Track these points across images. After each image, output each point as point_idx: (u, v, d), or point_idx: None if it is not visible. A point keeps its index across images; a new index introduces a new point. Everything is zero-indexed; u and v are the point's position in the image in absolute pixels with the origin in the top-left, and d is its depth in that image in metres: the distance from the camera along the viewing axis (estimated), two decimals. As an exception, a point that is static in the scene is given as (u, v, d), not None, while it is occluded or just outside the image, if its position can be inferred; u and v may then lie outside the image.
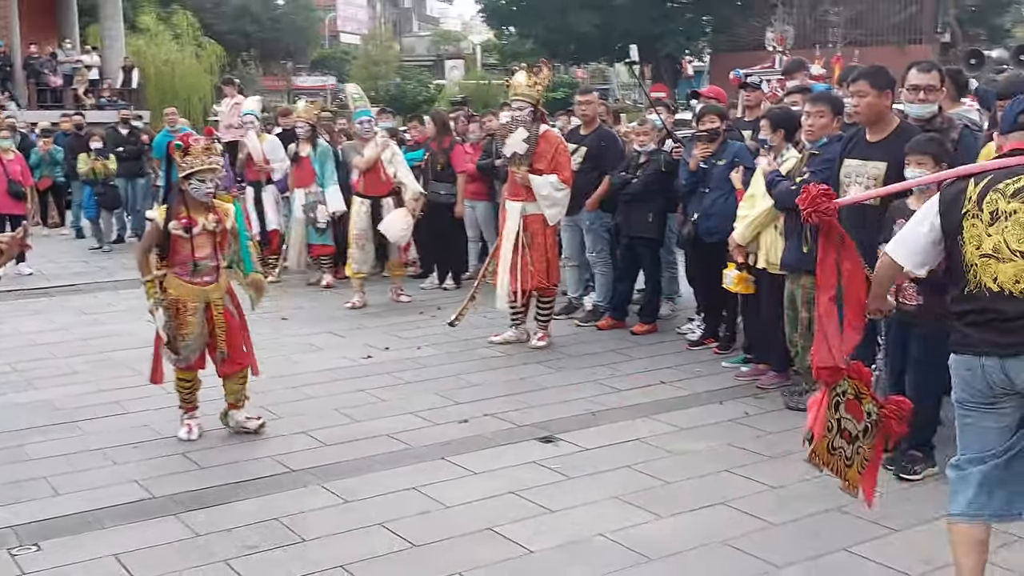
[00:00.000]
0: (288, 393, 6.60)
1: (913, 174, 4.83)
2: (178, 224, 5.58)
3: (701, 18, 32.23)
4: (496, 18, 34.14)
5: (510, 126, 7.80)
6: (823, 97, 6.21)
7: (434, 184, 10.14)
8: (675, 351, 7.76)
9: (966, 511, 3.49)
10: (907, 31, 29.22)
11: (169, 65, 28.85)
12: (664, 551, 4.25)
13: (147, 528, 4.56)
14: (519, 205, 7.75)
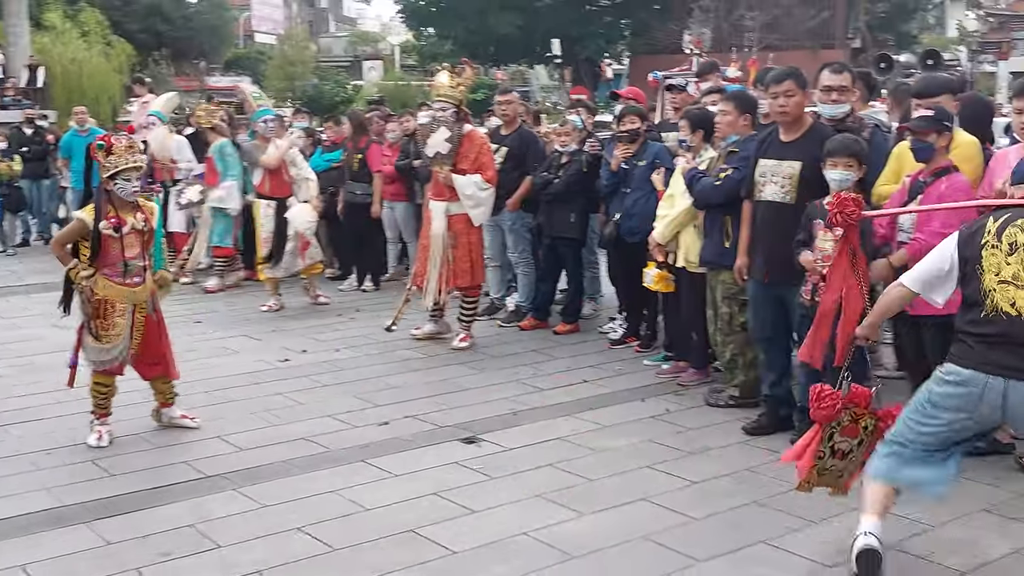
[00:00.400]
0: (203, 397, 6.49)
1: (838, 175, 4.94)
2: (107, 224, 5.48)
3: (620, 21, 32.52)
4: (415, 19, 34.02)
5: (432, 126, 7.79)
6: (728, 96, 6.36)
7: (351, 184, 10.09)
8: (597, 350, 7.82)
9: (886, 475, 3.90)
10: (820, 36, 29.87)
11: (76, 64, 28.09)
12: (586, 548, 4.27)
13: (57, 537, 4.44)
14: (443, 205, 7.75)
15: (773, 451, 5.42)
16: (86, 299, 5.53)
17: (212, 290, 10.41)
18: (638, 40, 31.70)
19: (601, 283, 9.04)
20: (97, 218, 5.49)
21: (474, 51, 32.42)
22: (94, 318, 5.57)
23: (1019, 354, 3.51)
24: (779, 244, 5.41)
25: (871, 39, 32.67)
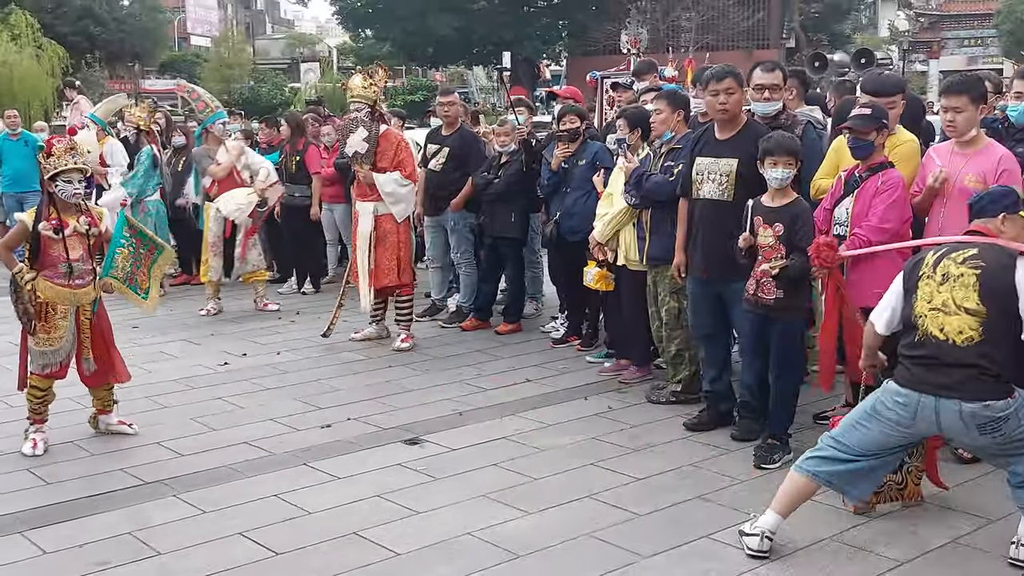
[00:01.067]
0: (142, 403, 6.38)
1: (778, 173, 5.01)
2: (48, 225, 5.42)
3: (558, 22, 32.66)
4: (352, 21, 33.80)
5: (350, 126, 7.76)
6: (661, 94, 6.41)
7: (289, 187, 9.98)
8: (540, 349, 7.83)
9: (811, 470, 4.10)
10: (755, 37, 30.31)
11: (7, 67, 27.51)
12: (532, 547, 4.27)
13: (-10, 548, 4.34)
14: (371, 205, 7.74)
15: (715, 446, 5.48)
16: (28, 300, 5.42)
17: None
18: (575, 41, 31.88)
19: (543, 283, 9.05)
20: (37, 219, 5.43)
21: (412, 53, 32.42)
22: (36, 319, 5.48)
23: (947, 374, 3.84)
24: (717, 241, 5.46)
25: (805, 39, 33.20)
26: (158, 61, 48.12)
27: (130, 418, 5.95)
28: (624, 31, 23.63)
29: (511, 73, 31.19)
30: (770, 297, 5.06)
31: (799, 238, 4.98)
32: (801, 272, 4.97)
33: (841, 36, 40.84)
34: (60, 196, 5.46)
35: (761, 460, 5.18)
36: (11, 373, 6.18)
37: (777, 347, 5.18)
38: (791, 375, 5.28)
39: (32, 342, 5.52)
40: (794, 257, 4.96)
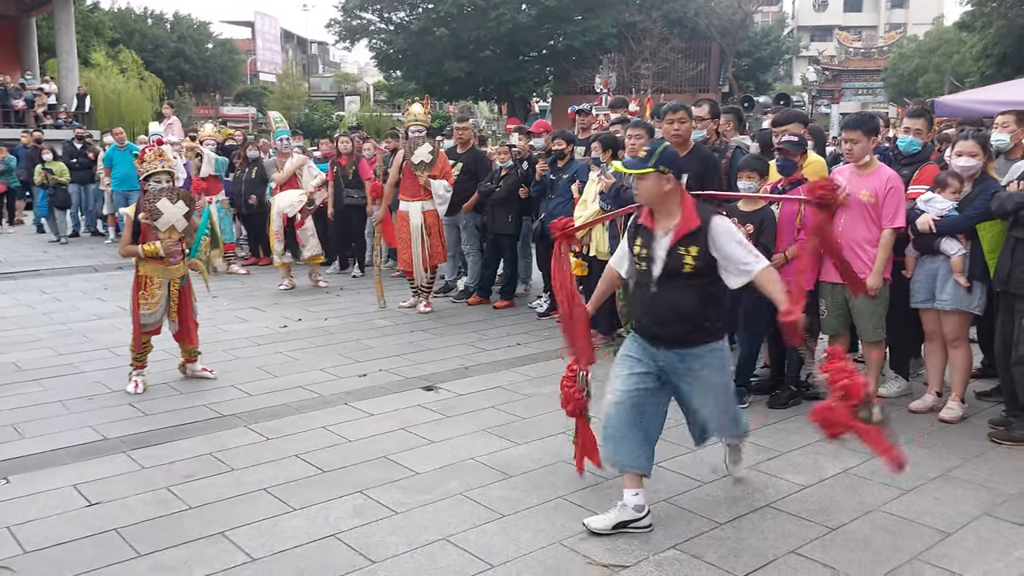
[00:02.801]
0: (219, 355, 6.36)
1: (744, 184, 5.04)
2: (145, 216, 5.45)
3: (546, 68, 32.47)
4: (386, 64, 33.53)
5: (416, 141, 7.79)
6: (640, 124, 6.38)
7: (347, 190, 9.89)
8: (528, 320, 7.82)
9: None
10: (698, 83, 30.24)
11: (116, 94, 27.35)
12: (521, 469, 4.28)
13: (101, 463, 4.32)
14: (419, 204, 7.80)
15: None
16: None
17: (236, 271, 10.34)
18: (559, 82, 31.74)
19: (532, 269, 9.04)
20: (137, 211, 5.42)
21: (432, 90, 32.21)
22: (138, 289, 5.48)
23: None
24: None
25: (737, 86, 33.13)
26: (234, 92, 47.75)
27: (210, 366, 5.93)
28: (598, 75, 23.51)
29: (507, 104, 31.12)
30: None
31: (765, 235, 4.98)
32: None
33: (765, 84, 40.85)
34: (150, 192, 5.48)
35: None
36: (121, 331, 6.16)
37: (744, 317, 5.19)
38: (753, 337, 5.32)
39: (136, 306, 5.52)
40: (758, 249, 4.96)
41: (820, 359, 3.43)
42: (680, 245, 3.44)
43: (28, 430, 4.78)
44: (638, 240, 3.59)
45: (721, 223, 3.47)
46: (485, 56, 29.90)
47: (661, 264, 3.48)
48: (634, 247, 3.61)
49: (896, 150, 5.54)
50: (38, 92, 23.35)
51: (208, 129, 11.16)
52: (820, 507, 3.84)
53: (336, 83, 57.90)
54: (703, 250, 3.43)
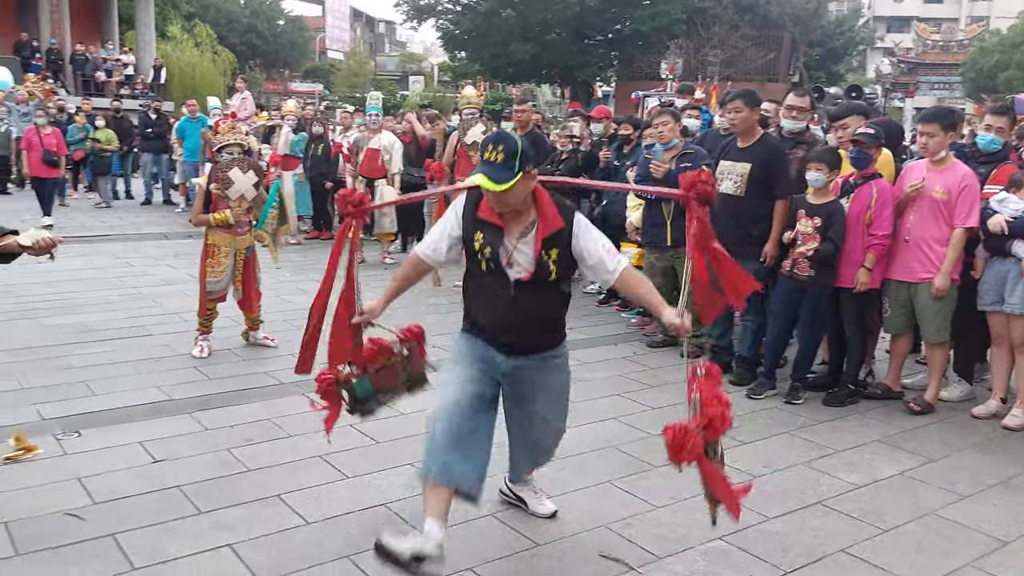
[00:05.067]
0: (280, 324, 6.48)
1: (812, 176, 4.90)
2: (216, 186, 5.57)
3: (611, 52, 32.11)
4: (452, 44, 33.52)
5: (470, 122, 7.84)
6: (666, 111, 6.29)
7: (408, 168, 9.96)
8: (582, 305, 7.78)
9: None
10: (767, 72, 29.54)
11: (190, 67, 27.96)
12: (571, 452, 4.26)
13: (166, 423, 4.48)
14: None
15: (716, 387, 5.43)
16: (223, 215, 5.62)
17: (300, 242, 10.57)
18: (624, 67, 31.37)
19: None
20: (209, 181, 5.56)
21: (495, 71, 32.14)
22: (206, 257, 5.64)
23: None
24: (730, 227, 5.35)
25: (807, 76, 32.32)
26: (303, 68, 48.39)
27: (272, 334, 6.07)
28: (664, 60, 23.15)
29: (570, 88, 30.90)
30: (804, 274, 4.97)
31: (832, 231, 4.87)
32: (828, 256, 4.88)
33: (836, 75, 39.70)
34: (222, 163, 5.61)
35: (790, 398, 5.16)
36: (189, 297, 6.34)
37: (806, 312, 5.08)
38: (814, 333, 5.19)
39: (204, 274, 5.68)
40: (824, 244, 4.87)
41: (699, 377, 2.90)
42: (543, 249, 2.96)
43: (99, 388, 4.97)
44: (479, 235, 3.02)
45: (583, 221, 3.06)
46: (550, 39, 29.67)
47: (527, 271, 2.98)
48: (474, 242, 3.04)
49: (974, 147, 5.36)
50: (117, 63, 24.03)
51: (291, 105, 11.37)
52: (873, 507, 3.78)
53: (401, 62, 58.18)
54: (564, 252, 2.99)
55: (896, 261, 4.98)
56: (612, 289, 7.63)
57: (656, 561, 3.25)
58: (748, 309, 5.47)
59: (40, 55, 22.69)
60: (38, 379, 5.09)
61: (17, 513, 3.41)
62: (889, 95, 35.66)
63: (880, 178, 4.96)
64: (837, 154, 5.04)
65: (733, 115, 5.33)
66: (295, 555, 3.20)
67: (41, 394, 4.83)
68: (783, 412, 5.01)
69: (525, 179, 2.88)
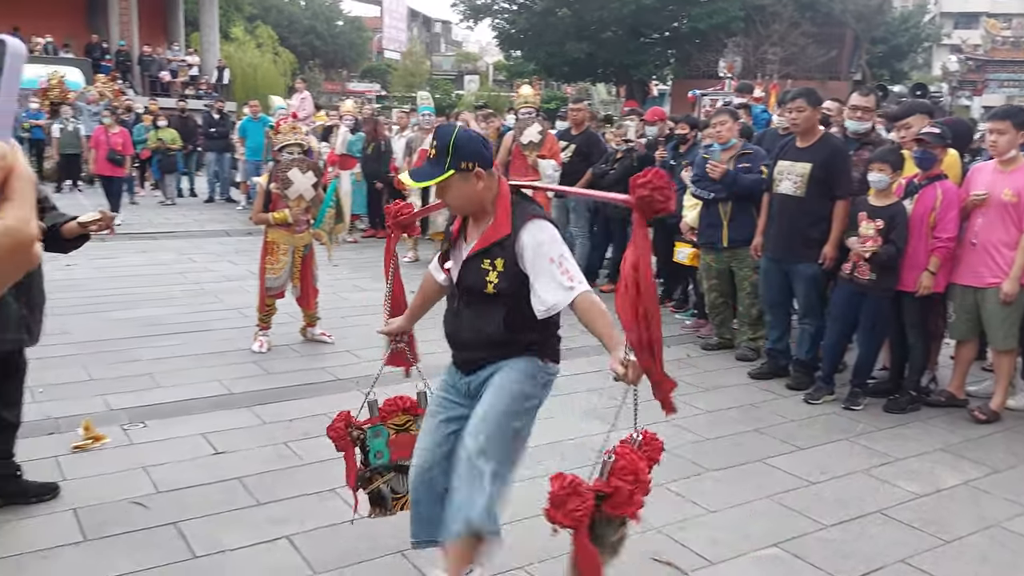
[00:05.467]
0: (337, 321, 6.59)
1: (875, 176, 4.79)
2: (276, 185, 5.64)
3: (668, 51, 31.82)
4: (507, 43, 33.61)
5: (526, 121, 7.84)
6: (723, 111, 6.19)
7: None
8: (636, 305, 7.73)
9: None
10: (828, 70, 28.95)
11: (252, 68, 28.60)
12: (622, 454, 4.26)
13: (226, 416, 4.58)
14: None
15: (772, 392, 5.36)
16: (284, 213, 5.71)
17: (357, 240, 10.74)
18: (680, 66, 31.06)
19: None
20: (269, 181, 5.67)
21: (551, 70, 32.12)
22: (266, 254, 5.75)
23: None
24: (789, 228, 5.29)
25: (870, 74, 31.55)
26: (360, 68, 49.04)
27: (329, 331, 6.16)
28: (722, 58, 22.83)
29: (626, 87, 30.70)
30: (865, 278, 4.87)
31: (895, 233, 4.76)
32: (890, 259, 4.77)
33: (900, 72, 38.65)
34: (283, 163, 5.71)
35: (850, 404, 5.06)
36: (249, 293, 6.48)
37: (866, 316, 4.97)
38: (874, 338, 5.08)
39: (263, 271, 5.80)
40: (886, 247, 4.76)
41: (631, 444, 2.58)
42: (484, 256, 2.60)
43: (163, 380, 5.11)
44: (446, 246, 2.82)
45: (536, 231, 2.56)
46: (606, 37, 29.52)
47: (457, 276, 2.71)
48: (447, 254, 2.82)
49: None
50: (182, 63, 24.69)
51: (348, 105, 11.53)
52: (935, 517, 3.67)
53: (457, 62, 58.50)
54: (510, 265, 2.57)
55: (962, 265, 4.84)
56: (667, 289, 7.70)
57: (709, 567, 3.21)
58: (807, 312, 5.39)
59: (110, 56, 23.43)
60: (105, 371, 5.26)
61: (86, 500, 3.53)
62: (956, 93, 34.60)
63: (945, 179, 4.83)
64: (900, 154, 4.91)
65: (795, 114, 5.23)
66: (349, 549, 3.25)
67: (108, 385, 4.99)
68: (841, 418, 4.91)
69: (462, 178, 2.54)
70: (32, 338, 3.35)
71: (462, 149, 2.52)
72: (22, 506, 3.46)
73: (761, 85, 9.75)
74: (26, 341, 3.33)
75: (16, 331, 3.23)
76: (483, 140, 2.65)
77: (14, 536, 3.24)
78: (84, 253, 9.63)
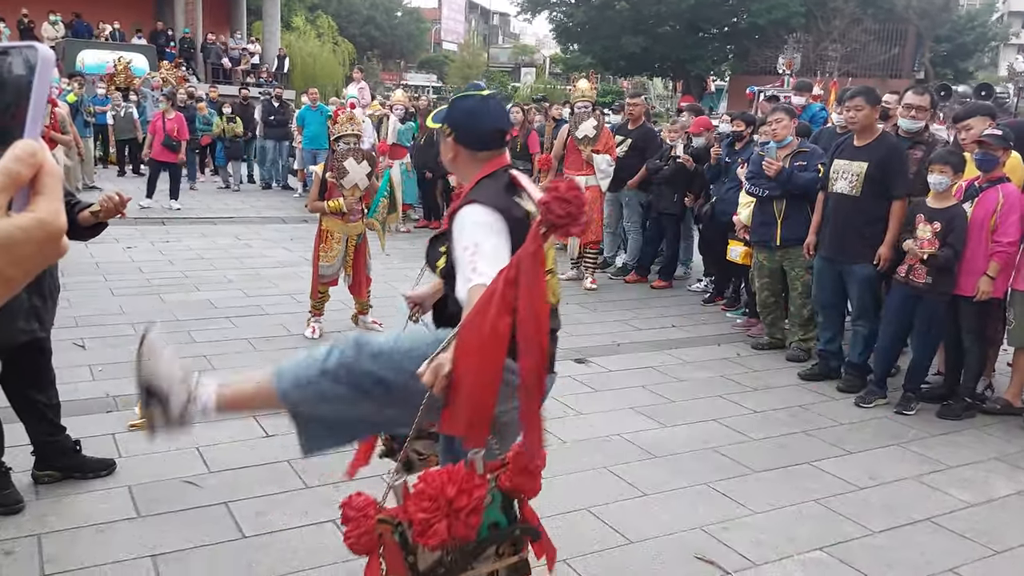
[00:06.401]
0: (388, 309, 6.63)
1: (934, 179, 4.66)
2: (332, 174, 5.70)
3: (726, 46, 31.33)
4: (564, 36, 33.45)
5: (581, 116, 7.79)
6: (780, 108, 6.04)
7: (513, 161, 9.95)
8: (685, 303, 7.67)
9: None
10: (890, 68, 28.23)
11: (312, 57, 28.98)
12: (665, 451, 4.23)
13: (277, 400, 4.65)
14: (583, 179, 7.74)
15: (822, 394, 5.26)
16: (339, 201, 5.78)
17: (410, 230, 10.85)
18: (739, 62, 30.55)
19: (693, 252, 8.84)
20: (325, 169, 5.74)
21: (607, 64, 31.91)
22: (320, 242, 5.84)
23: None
24: (843, 228, 5.18)
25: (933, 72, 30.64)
26: (418, 60, 49.37)
27: (380, 319, 6.23)
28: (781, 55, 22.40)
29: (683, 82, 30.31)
30: (920, 281, 4.74)
31: (952, 236, 4.63)
32: (947, 262, 4.64)
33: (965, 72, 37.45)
34: (339, 152, 5.78)
35: (902, 408, 4.95)
36: (303, 279, 6.57)
37: (921, 320, 4.85)
38: (929, 342, 4.95)
39: (317, 259, 5.88)
40: (944, 250, 4.63)
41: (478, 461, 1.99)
42: (442, 237, 2.43)
43: (218, 362, 5.22)
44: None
45: (462, 217, 2.28)
46: (663, 32, 29.21)
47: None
48: None
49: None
50: (244, 52, 25.14)
51: (398, 95, 11.63)
52: (987, 527, 3.57)
53: (514, 54, 58.47)
54: (450, 249, 2.35)
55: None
56: (719, 287, 7.60)
57: (752, 568, 3.17)
58: (861, 313, 5.27)
59: (174, 44, 23.98)
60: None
61: (140, 477, 3.63)
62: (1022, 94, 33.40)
63: (1007, 182, 4.66)
64: (962, 157, 4.76)
65: (853, 113, 5.11)
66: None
67: (166, 365, 5.11)
68: (893, 423, 4.80)
69: (443, 135, 2.45)
70: (43, 327, 3.36)
71: (453, 111, 2.45)
72: (79, 481, 3.58)
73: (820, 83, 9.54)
74: (37, 331, 3.32)
75: (26, 321, 3.24)
76: (484, 114, 2.41)
77: (72, 509, 3.35)
78: (145, 236, 9.89)
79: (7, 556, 2.97)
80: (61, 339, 5.39)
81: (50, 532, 3.16)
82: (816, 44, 26.64)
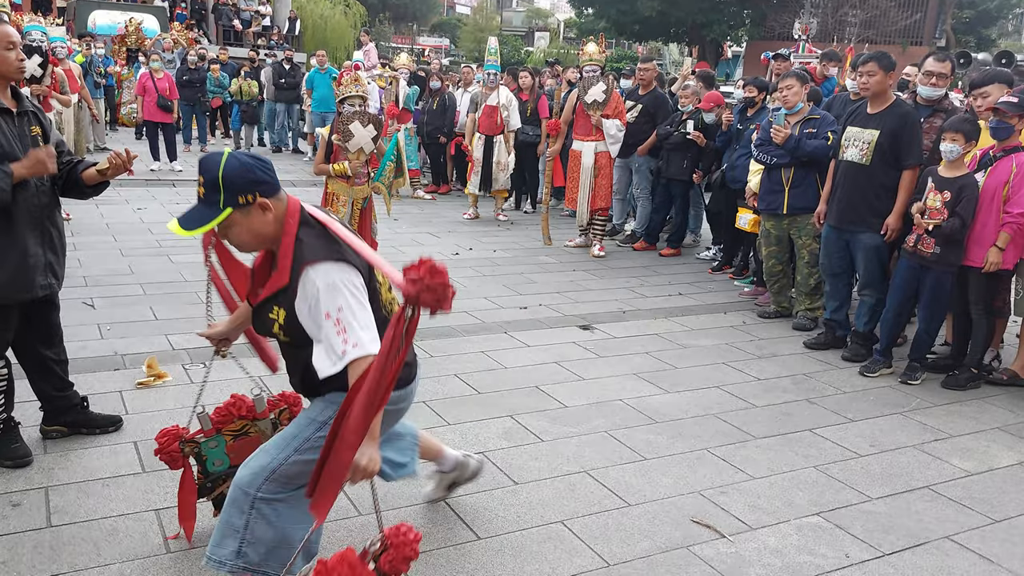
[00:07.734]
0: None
1: (947, 147, 4.61)
2: (337, 137, 5.70)
3: (743, 11, 30.84)
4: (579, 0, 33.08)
5: (591, 80, 7.71)
6: (791, 74, 5.95)
7: (523, 126, 9.85)
8: (692, 271, 7.66)
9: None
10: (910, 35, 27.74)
11: (323, 19, 28.75)
12: (668, 417, 4.26)
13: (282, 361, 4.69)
14: (592, 144, 7.75)
15: (826, 363, 5.27)
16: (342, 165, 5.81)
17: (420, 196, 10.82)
18: (756, 27, 30.09)
19: (702, 220, 8.80)
20: (331, 132, 5.73)
21: (622, 29, 31.50)
22: (325, 204, 5.84)
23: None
24: (852, 197, 5.14)
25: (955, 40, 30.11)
26: (430, 23, 48.91)
27: (385, 283, 6.25)
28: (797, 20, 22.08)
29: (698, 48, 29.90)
30: (928, 251, 4.71)
31: (961, 206, 4.59)
32: (954, 232, 4.61)
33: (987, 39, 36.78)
34: (346, 114, 5.75)
35: (907, 378, 4.94)
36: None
37: (928, 291, 4.82)
38: (936, 312, 4.92)
39: None
40: (951, 220, 4.60)
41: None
42: (272, 302, 2.23)
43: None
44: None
45: (310, 282, 2.12)
46: (680, -5, 28.75)
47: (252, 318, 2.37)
48: None
49: None
50: (255, 14, 24.97)
51: (403, 58, 11.53)
52: (985, 496, 3.59)
53: (528, 18, 57.82)
54: (289, 316, 2.20)
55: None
56: (727, 255, 7.58)
57: (749, 531, 3.20)
58: (868, 283, 5.25)
59: (185, 4, 23.82)
60: (170, 311, 5.45)
61: (146, 434, 3.68)
62: (1046, 62, 32.75)
63: (1023, 151, 4.60)
64: (976, 124, 4.69)
65: (866, 79, 5.04)
66: (394, 495, 3.33)
67: (172, 325, 5.17)
68: (897, 392, 4.81)
69: (243, 213, 2.18)
70: (59, 282, 3.45)
71: (234, 182, 2.15)
72: (86, 436, 3.64)
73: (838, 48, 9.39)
74: (55, 286, 3.41)
75: (44, 276, 3.31)
76: (257, 163, 2.23)
77: (79, 463, 3.42)
78: (154, 198, 9.92)
79: (15, 508, 3.04)
80: (71, 298, 5.45)
81: (57, 485, 3.22)
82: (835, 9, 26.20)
